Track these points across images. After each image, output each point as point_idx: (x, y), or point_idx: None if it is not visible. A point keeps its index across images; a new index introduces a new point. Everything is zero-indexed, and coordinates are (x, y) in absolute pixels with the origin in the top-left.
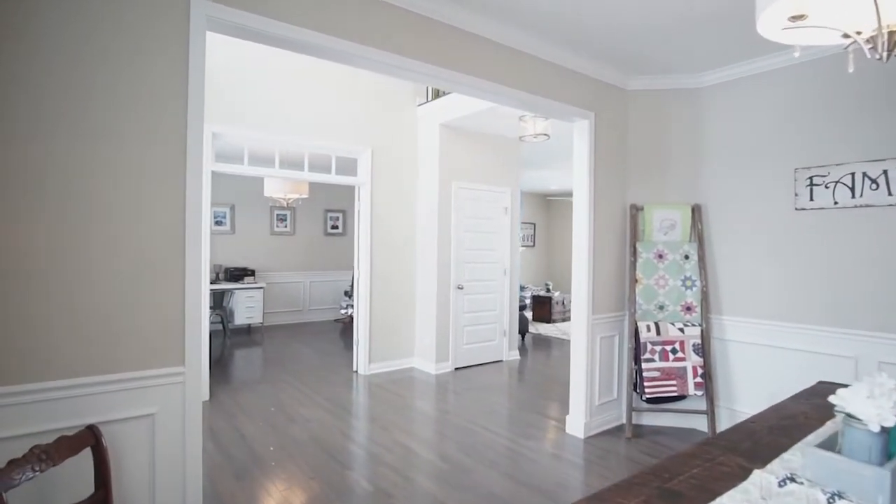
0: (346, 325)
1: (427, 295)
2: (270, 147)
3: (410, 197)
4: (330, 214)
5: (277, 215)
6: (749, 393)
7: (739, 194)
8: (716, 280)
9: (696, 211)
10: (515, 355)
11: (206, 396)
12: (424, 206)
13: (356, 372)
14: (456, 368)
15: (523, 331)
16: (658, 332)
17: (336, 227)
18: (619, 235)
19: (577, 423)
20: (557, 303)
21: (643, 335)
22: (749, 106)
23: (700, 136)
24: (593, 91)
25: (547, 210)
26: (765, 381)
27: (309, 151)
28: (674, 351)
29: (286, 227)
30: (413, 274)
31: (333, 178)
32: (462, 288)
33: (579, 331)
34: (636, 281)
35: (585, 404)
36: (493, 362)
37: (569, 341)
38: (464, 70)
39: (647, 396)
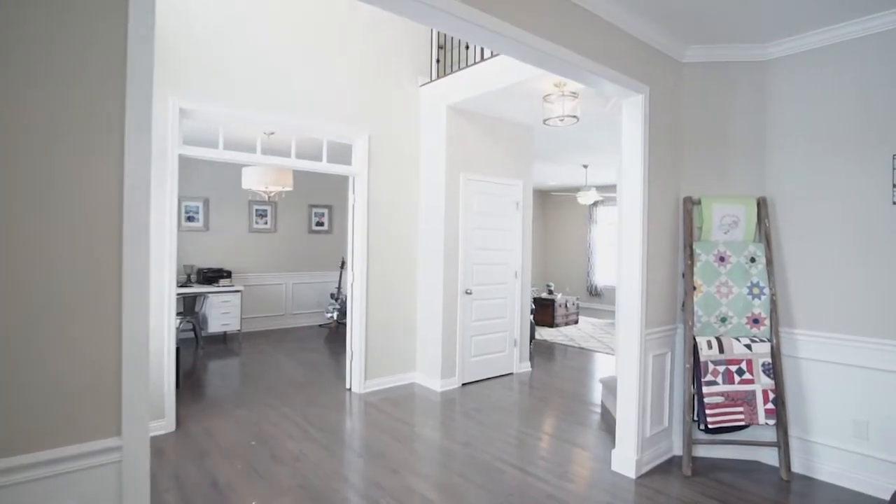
0: (333, 331)
1: (431, 301)
2: (251, 130)
3: (412, 189)
4: (315, 210)
5: (257, 211)
6: (828, 422)
7: (817, 186)
8: (786, 287)
9: (763, 205)
10: (527, 367)
11: (173, 427)
12: (428, 200)
13: (349, 390)
14: (463, 384)
15: (530, 338)
16: (721, 350)
17: (321, 224)
18: (670, 235)
19: (626, 460)
20: (560, 305)
21: (703, 353)
22: (830, 81)
23: (767, 117)
24: (647, 60)
25: (543, 206)
26: (850, 407)
27: (296, 136)
28: (740, 371)
29: (266, 223)
30: (414, 277)
31: (325, 167)
32: (471, 293)
33: (630, 350)
34: (694, 288)
35: (637, 438)
36: (504, 376)
37: (577, 348)
38: (506, 17)
39: (710, 426)
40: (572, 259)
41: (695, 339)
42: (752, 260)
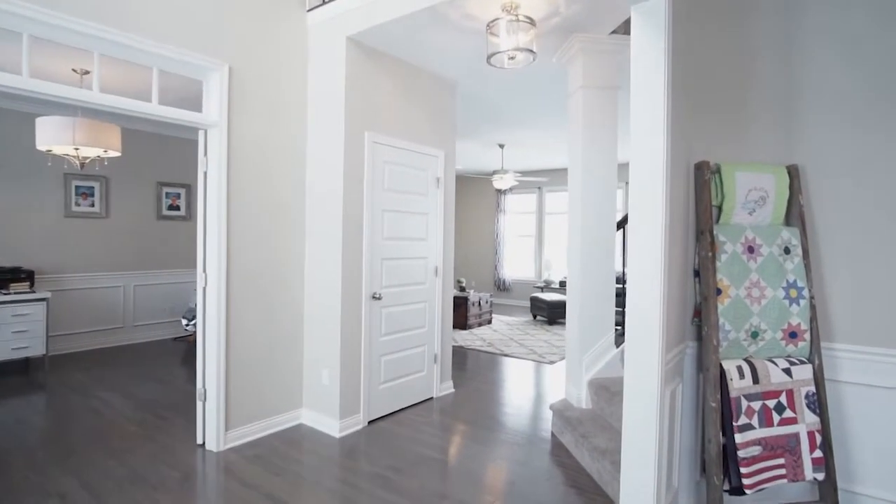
0: (192, 346)
1: (325, 310)
2: (49, 61)
3: (298, 152)
4: (167, 190)
5: (78, 188)
6: (882, 467)
7: (869, 152)
8: (822, 288)
9: (795, 176)
10: (449, 388)
11: None
12: (321, 169)
13: (202, 446)
14: (370, 422)
15: None
16: (755, 379)
17: (176, 208)
18: (681, 215)
19: None
20: (474, 304)
21: (734, 385)
22: (887, 11)
23: (800, 59)
24: None
25: None
26: None
27: (100, 53)
28: (779, 408)
29: (93, 205)
30: (300, 278)
31: (154, 110)
32: (380, 298)
33: (644, 389)
34: (719, 292)
35: None
36: (422, 402)
37: (498, 355)
38: None
39: (746, 489)
40: (479, 251)
41: (721, 364)
42: (787, 251)
